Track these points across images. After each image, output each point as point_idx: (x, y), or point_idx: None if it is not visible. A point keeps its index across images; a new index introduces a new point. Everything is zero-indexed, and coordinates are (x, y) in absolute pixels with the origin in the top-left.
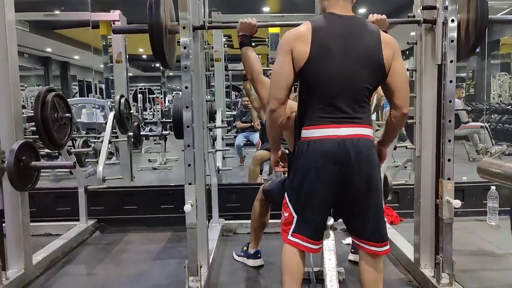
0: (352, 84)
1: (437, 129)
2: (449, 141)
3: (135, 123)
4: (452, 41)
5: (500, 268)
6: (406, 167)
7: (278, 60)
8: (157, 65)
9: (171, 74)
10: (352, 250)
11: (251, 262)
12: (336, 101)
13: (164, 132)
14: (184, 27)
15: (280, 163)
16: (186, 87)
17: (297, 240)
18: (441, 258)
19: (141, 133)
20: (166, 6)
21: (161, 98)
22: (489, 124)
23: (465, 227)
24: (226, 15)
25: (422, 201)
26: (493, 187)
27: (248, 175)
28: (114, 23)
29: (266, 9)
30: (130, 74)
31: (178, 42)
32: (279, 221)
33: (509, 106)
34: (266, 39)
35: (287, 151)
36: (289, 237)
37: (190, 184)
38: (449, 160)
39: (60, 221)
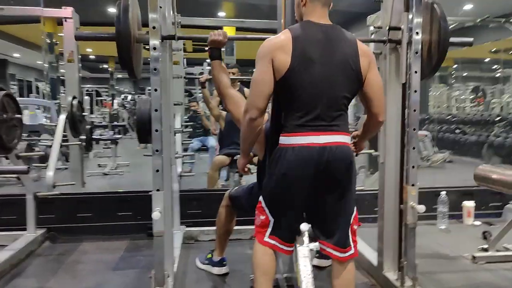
0: (331, 92)
1: (401, 137)
2: (414, 148)
3: (87, 126)
4: (416, 52)
5: (455, 270)
6: (358, 173)
7: (258, 69)
8: (105, 66)
9: (120, 76)
10: (317, 254)
11: (216, 270)
12: (315, 109)
13: (116, 136)
14: (154, 27)
15: (248, 167)
16: (156, 90)
17: (273, 242)
18: (405, 262)
19: (93, 136)
20: (134, 14)
21: (109, 100)
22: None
23: (418, 231)
24: (187, 18)
25: (386, 207)
26: (443, 193)
27: (207, 181)
28: (66, 21)
29: (221, 14)
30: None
31: (146, 47)
32: (243, 227)
33: (448, 116)
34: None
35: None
36: (266, 238)
37: (158, 190)
38: (413, 166)
39: (4, 231)
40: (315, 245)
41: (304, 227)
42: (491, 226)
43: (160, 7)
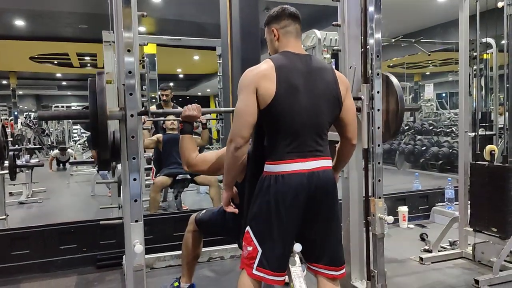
0: (316, 119)
1: (364, 153)
2: (379, 163)
3: (10, 152)
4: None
5: (408, 273)
6: None
7: (242, 99)
8: (4, 82)
9: (21, 93)
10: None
11: None
12: (301, 135)
13: (34, 160)
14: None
15: (232, 203)
16: (132, 115)
17: (262, 275)
18: (375, 271)
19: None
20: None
21: (11, 120)
22: None
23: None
24: None
25: (352, 219)
26: None
27: (149, 204)
28: None
29: (142, 29)
30: None
31: None
32: (209, 249)
33: None
34: (142, 59)
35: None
36: (254, 271)
37: (137, 221)
38: (379, 180)
39: None
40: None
41: (297, 247)
42: (423, 227)
43: None
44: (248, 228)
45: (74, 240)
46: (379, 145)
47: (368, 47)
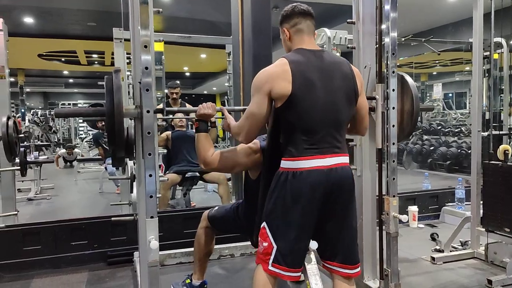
0: (334, 114)
1: (378, 153)
2: (394, 161)
3: (21, 149)
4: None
5: (420, 272)
6: None
7: (255, 101)
8: (12, 79)
9: (28, 90)
10: None
11: None
12: (320, 132)
13: (42, 157)
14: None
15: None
16: (148, 111)
17: (278, 271)
18: (389, 270)
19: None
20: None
21: (18, 117)
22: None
23: None
24: None
25: (364, 217)
26: None
27: (159, 201)
28: None
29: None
30: None
31: None
32: (219, 247)
33: None
34: None
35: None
36: (270, 267)
37: (152, 217)
38: (393, 178)
39: None
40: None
41: (313, 245)
42: (434, 227)
43: None
44: (264, 224)
45: (85, 236)
46: (394, 144)
47: (383, 44)
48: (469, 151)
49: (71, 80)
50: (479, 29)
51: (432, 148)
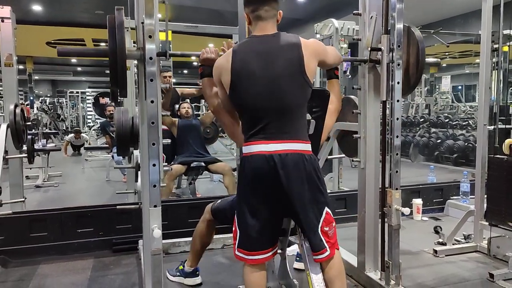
0: (278, 102)
1: (383, 143)
2: (397, 154)
3: (29, 136)
4: (398, 65)
5: (422, 265)
6: None
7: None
8: (21, 67)
9: (37, 78)
10: (297, 258)
11: (188, 281)
12: (263, 118)
13: (50, 145)
14: (150, 36)
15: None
16: (152, 101)
17: (241, 255)
18: (390, 262)
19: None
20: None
21: (27, 104)
22: None
23: None
24: None
25: (367, 210)
26: None
27: (162, 190)
28: (3, 21)
29: (158, 15)
30: None
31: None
32: (215, 237)
33: None
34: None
35: None
36: (236, 252)
37: (155, 206)
38: (397, 171)
39: None
40: (293, 250)
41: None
42: (437, 220)
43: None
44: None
45: (91, 224)
46: (397, 136)
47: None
48: (476, 145)
49: (79, 69)
50: (487, 21)
51: (439, 141)
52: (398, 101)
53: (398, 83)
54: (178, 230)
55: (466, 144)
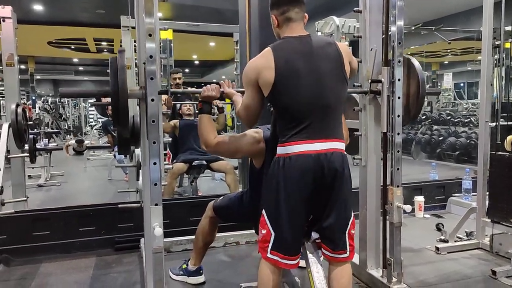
0: (322, 100)
1: (383, 140)
2: (398, 152)
3: (30, 136)
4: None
5: (423, 262)
6: None
7: (247, 94)
8: (23, 67)
9: (39, 77)
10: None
11: (192, 280)
12: (308, 118)
13: (52, 144)
14: (150, 35)
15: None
16: (153, 100)
17: (276, 258)
18: (392, 259)
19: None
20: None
21: (29, 104)
22: None
23: None
24: None
25: (368, 207)
26: None
27: (164, 189)
28: (4, 21)
29: (158, 14)
30: None
31: None
32: (224, 234)
33: None
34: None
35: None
36: (268, 255)
37: (156, 205)
38: (398, 169)
39: None
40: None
41: (314, 235)
42: (440, 218)
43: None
44: (263, 211)
45: (93, 223)
46: (398, 134)
47: (390, 33)
48: (478, 142)
49: (81, 68)
50: (489, 17)
51: (441, 138)
52: (399, 97)
53: (399, 80)
54: (180, 229)
55: (468, 141)
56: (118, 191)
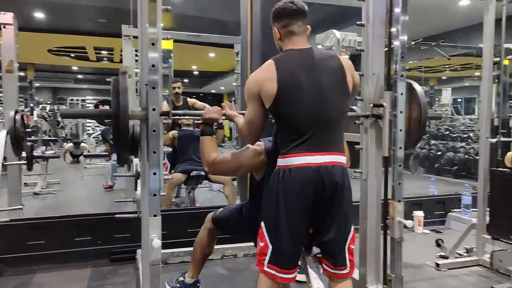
0: (324, 113)
1: (384, 159)
2: (400, 166)
3: (28, 143)
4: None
5: (424, 278)
6: None
7: (251, 108)
8: (22, 74)
9: (38, 85)
10: (298, 270)
11: None
12: (309, 130)
13: (49, 152)
14: (153, 44)
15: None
16: (154, 109)
17: (272, 272)
18: (392, 276)
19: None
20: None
21: (28, 111)
22: None
23: None
24: None
25: (369, 222)
26: None
27: (161, 200)
28: (5, 27)
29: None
30: None
31: None
32: (222, 247)
33: None
34: None
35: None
36: (265, 268)
37: (155, 216)
38: (399, 183)
39: None
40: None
41: (315, 250)
42: (439, 233)
43: None
44: (262, 223)
45: (89, 233)
46: (400, 148)
47: (392, 48)
48: (477, 157)
49: (80, 76)
50: (489, 34)
51: (439, 153)
52: (401, 112)
53: (401, 94)
54: (177, 240)
55: (466, 156)
56: (115, 200)
